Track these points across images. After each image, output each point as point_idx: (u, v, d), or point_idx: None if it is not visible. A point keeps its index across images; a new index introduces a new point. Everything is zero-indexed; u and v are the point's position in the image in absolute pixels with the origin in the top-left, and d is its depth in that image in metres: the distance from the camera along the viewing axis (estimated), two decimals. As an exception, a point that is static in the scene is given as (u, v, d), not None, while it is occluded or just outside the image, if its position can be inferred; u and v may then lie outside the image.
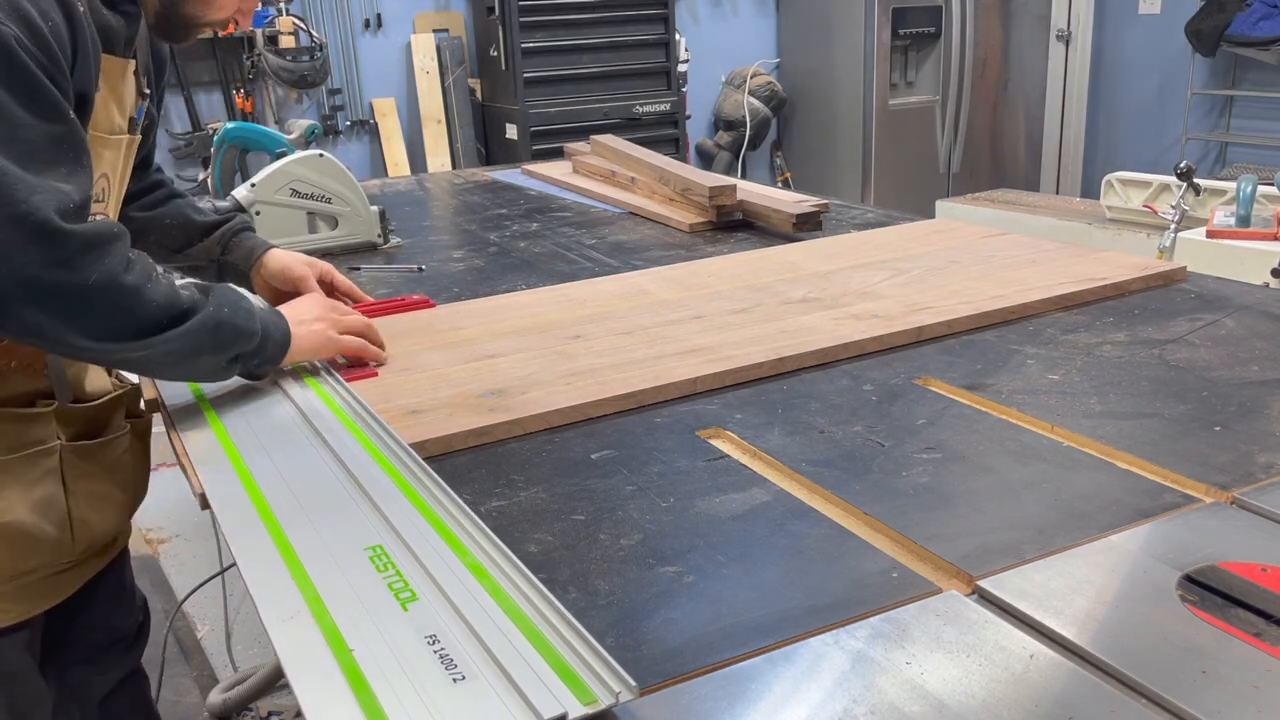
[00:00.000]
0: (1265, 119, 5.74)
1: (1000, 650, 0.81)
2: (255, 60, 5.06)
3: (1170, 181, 3.32)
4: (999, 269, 1.79)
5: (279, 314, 1.35)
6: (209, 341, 1.20)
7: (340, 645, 0.81)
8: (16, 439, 1.23)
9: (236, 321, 1.23)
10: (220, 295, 1.23)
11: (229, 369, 1.27)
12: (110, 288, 1.07)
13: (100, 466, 1.33)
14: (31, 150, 1.03)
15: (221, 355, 1.23)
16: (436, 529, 0.99)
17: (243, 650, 2.71)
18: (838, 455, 1.16)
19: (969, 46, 5.75)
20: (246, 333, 1.25)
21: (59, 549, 1.27)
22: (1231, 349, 1.42)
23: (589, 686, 0.75)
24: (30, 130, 1.03)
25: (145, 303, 1.11)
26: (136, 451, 1.43)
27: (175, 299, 1.15)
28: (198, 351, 1.19)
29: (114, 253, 1.08)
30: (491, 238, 2.37)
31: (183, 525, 3.41)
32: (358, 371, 1.44)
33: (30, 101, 1.03)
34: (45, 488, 1.25)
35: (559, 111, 5.13)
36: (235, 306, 1.24)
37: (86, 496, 1.30)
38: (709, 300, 1.70)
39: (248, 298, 1.28)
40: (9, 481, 1.21)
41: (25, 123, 1.03)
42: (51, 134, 1.05)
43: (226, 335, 1.22)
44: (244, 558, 0.97)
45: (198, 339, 1.18)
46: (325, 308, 1.46)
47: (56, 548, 1.27)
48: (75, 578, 1.33)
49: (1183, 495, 1.04)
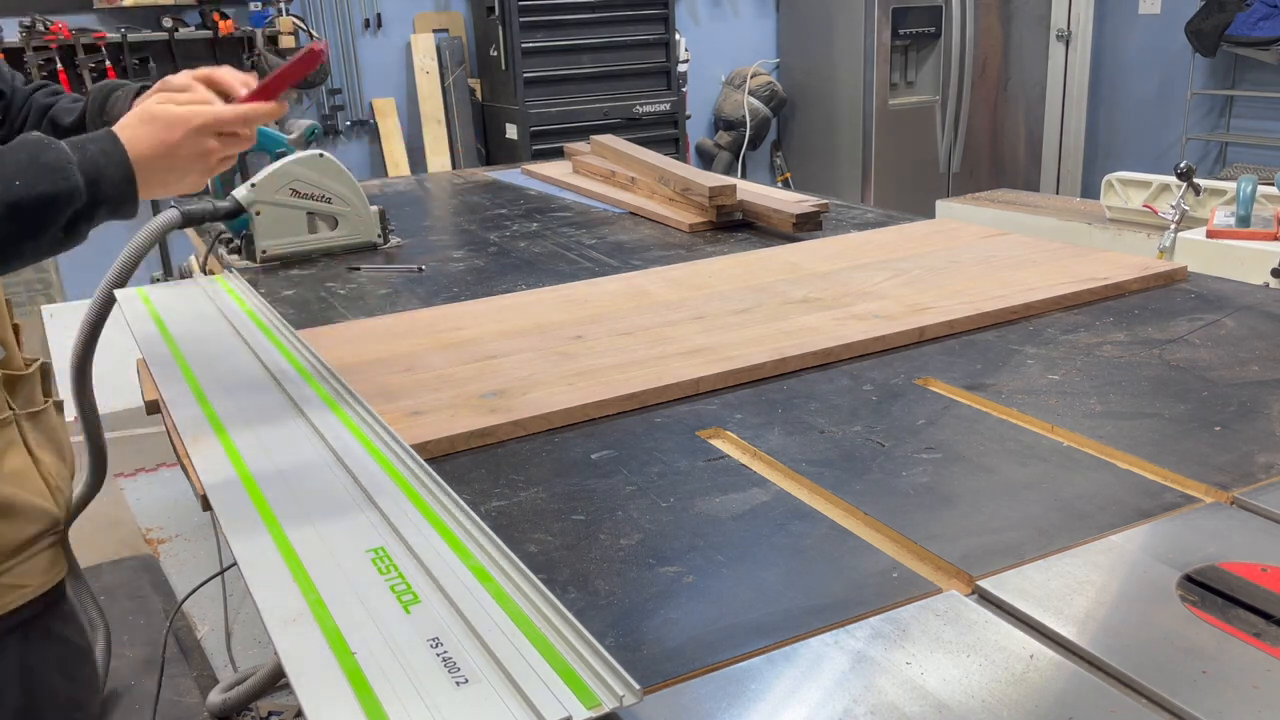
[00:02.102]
0: (1265, 119, 5.74)
1: (1000, 650, 0.81)
2: (255, 60, 5.05)
3: (1170, 181, 3.32)
4: (999, 269, 1.79)
5: (109, 136, 1.04)
6: (14, 227, 0.96)
7: (342, 648, 0.81)
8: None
9: (40, 190, 0.96)
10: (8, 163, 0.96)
11: (70, 239, 1.01)
12: None
13: (46, 437, 1.26)
14: None
15: (44, 235, 0.98)
16: (438, 530, 0.99)
17: (243, 650, 2.71)
18: (838, 455, 1.17)
19: (969, 46, 5.75)
20: (64, 195, 0.98)
21: (48, 516, 1.23)
22: (1231, 349, 1.42)
23: (592, 689, 0.75)
24: None
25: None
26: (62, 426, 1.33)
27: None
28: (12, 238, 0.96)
29: None
30: (491, 238, 2.37)
31: (183, 525, 3.41)
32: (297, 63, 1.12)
33: None
34: (14, 459, 1.19)
35: (559, 111, 5.13)
36: (33, 166, 0.97)
37: (49, 466, 1.25)
38: (709, 300, 1.70)
39: (51, 146, 1.00)
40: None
41: None
42: None
43: (34, 212, 0.96)
44: (245, 559, 0.97)
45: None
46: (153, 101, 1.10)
47: (45, 515, 1.22)
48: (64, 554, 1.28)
49: (1183, 495, 1.04)
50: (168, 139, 1.06)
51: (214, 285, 1.91)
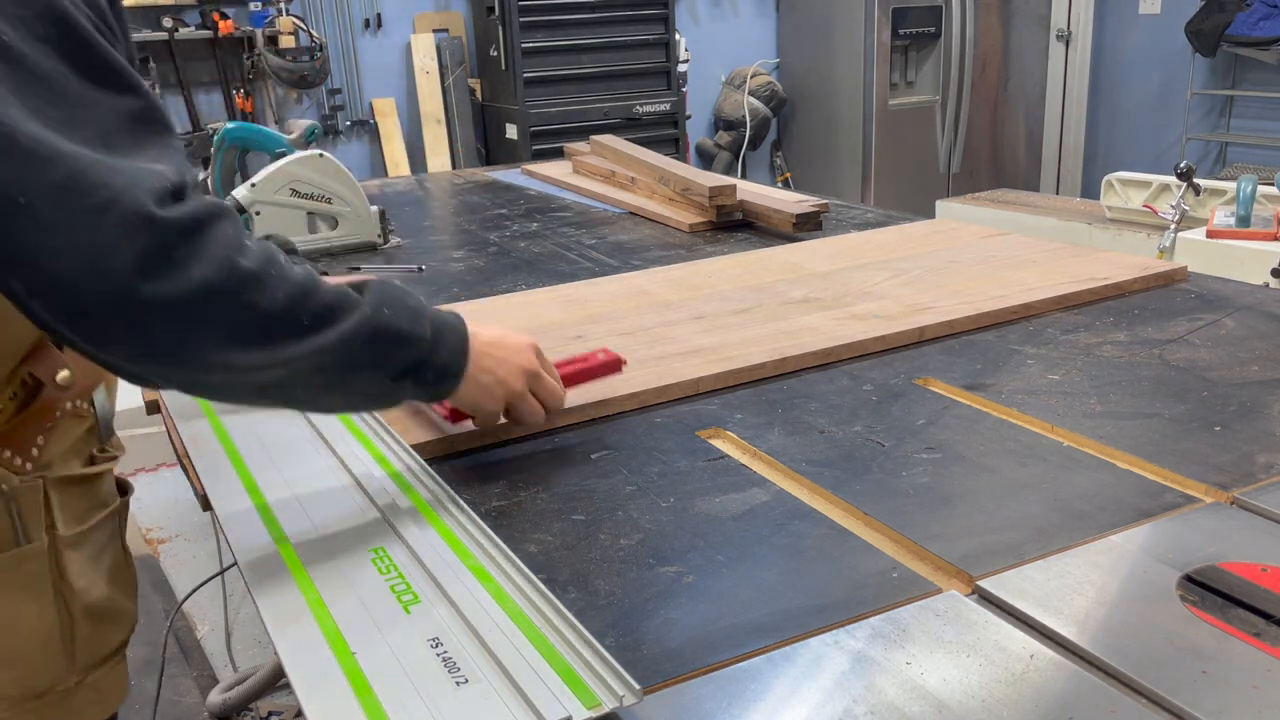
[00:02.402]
0: (1265, 119, 5.74)
1: (1000, 650, 0.81)
2: (255, 60, 5.06)
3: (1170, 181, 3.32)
4: (999, 269, 1.79)
5: (456, 316, 1.05)
6: (366, 354, 0.92)
7: (342, 648, 0.81)
8: (88, 502, 1.04)
9: (399, 325, 0.95)
10: (379, 291, 0.95)
11: (397, 389, 0.98)
12: (224, 279, 0.81)
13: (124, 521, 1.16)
14: (106, 131, 0.81)
15: (384, 372, 0.95)
16: (438, 530, 0.99)
17: (243, 650, 2.71)
18: (838, 455, 1.17)
19: (969, 46, 5.75)
20: (414, 338, 0.97)
21: (129, 617, 1.11)
22: (1231, 349, 1.42)
23: (592, 689, 0.75)
24: (99, 107, 0.82)
25: (273, 293, 0.84)
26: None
27: (313, 291, 0.88)
28: (355, 367, 0.92)
29: (220, 232, 0.82)
30: (491, 238, 2.37)
31: (183, 525, 3.41)
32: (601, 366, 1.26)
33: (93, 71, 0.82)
34: (112, 553, 1.09)
35: (559, 111, 5.13)
36: (398, 305, 0.96)
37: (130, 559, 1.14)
38: (710, 300, 1.70)
39: (413, 293, 1.00)
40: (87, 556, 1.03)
41: (91, 99, 0.82)
42: (126, 110, 0.84)
43: (389, 345, 0.94)
44: (245, 559, 0.97)
45: (350, 350, 0.90)
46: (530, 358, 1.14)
47: (128, 617, 1.11)
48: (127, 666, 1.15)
49: (1183, 495, 1.04)
50: (505, 345, 1.11)
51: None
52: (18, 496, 0.97)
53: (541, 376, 1.15)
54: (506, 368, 1.10)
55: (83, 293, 0.77)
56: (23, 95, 0.78)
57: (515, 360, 1.12)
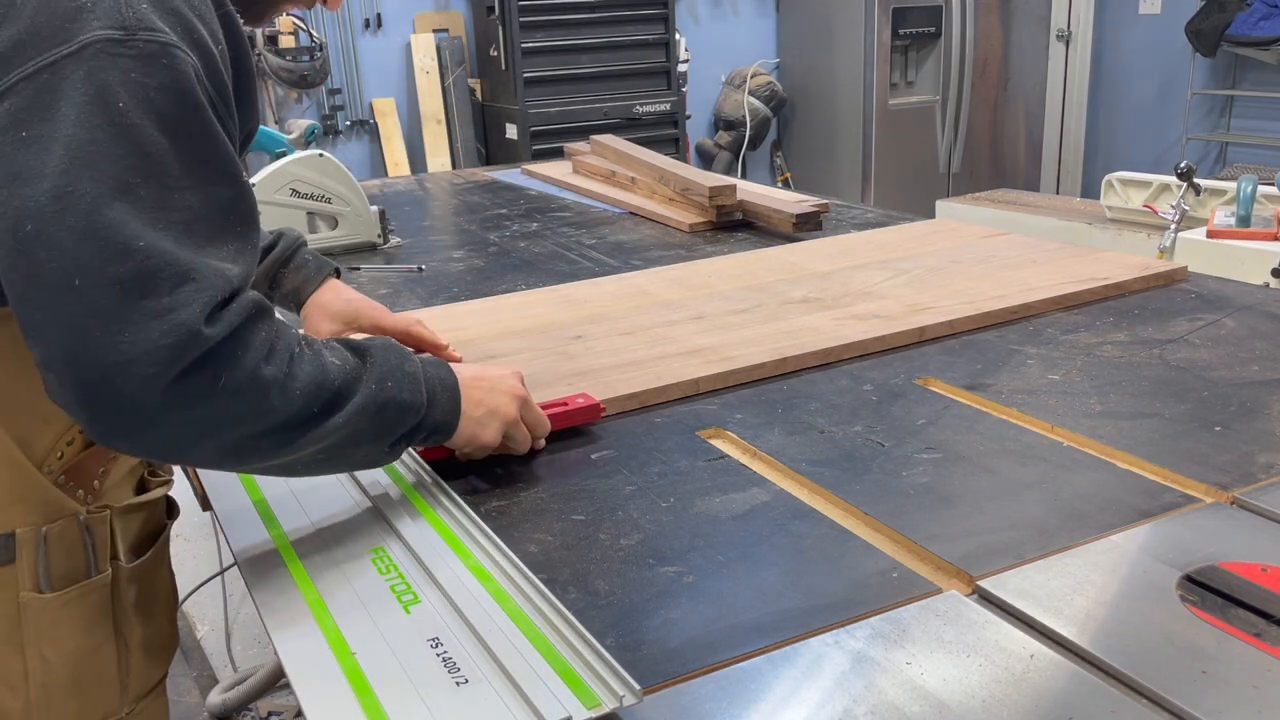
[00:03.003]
0: (1265, 119, 5.74)
1: (1000, 650, 0.81)
2: (255, 60, 5.05)
3: (1170, 181, 3.32)
4: (999, 269, 1.79)
5: (447, 370, 1.05)
6: (369, 428, 0.93)
7: (342, 648, 0.81)
8: (144, 532, 1.05)
9: (401, 397, 0.96)
10: (381, 363, 0.95)
11: (392, 453, 0.99)
12: (249, 389, 0.82)
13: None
14: (192, 219, 0.80)
15: (383, 441, 0.96)
16: (438, 530, 0.99)
17: (243, 650, 2.71)
18: (838, 455, 1.17)
19: (969, 46, 5.75)
20: (414, 407, 0.98)
21: (173, 648, 1.12)
22: (1231, 349, 1.42)
23: (592, 690, 0.75)
24: (193, 194, 0.81)
25: (290, 396, 0.85)
26: None
27: (324, 380, 0.88)
28: (356, 442, 0.93)
29: (253, 341, 0.82)
30: (491, 238, 2.37)
31: (183, 525, 3.39)
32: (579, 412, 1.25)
33: (198, 156, 0.81)
34: (161, 582, 1.08)
35: (559, 111, 5.13)
36: (399, 376, 0.96)
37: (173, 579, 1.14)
38: (710, 300, 1.70)
39: (409, 356, 1.00)
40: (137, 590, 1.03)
41: (188, 184, 0.80)
42: (218, 200, 0.83)
43: (390, 417, 0.95)
44: (245, 559, 0.97)
45: (354, 427, 0.91)
46: (516, 384, 1.14)
47: (173, 647, 1.11)
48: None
49: (1183, 495, 1.04)
50: (489, 377, 1.10)
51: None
52: (91, 527, 0.97)
53: (530, 402, 1.15)
54: (496, 397, 1.10)
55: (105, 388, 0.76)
56: (119, 169, 0.77)
57: (503, 388, 1.11)
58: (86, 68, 0.77)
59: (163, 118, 0.79)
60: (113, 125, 0.77)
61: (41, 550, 0.94)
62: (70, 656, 0.97)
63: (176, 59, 0.80)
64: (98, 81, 0.77)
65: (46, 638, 0.95)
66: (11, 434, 0.91)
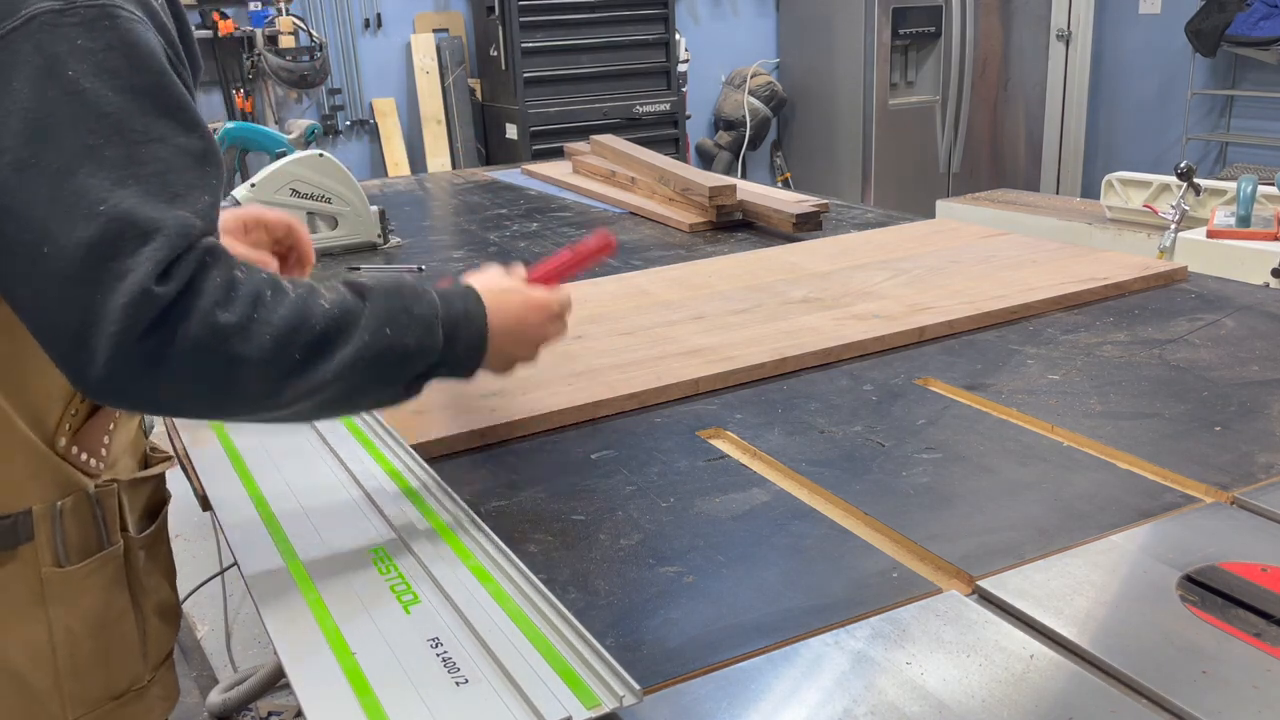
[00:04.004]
0: (1265, 119, 5.74)
1: (1000, 650, 0.81)
2: (255, 60, 5.06)
3: (1170, 181, 3.32)
4: (999, 269, 1.79)
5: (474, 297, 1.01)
6: (369, 378, 0.90)
7: (342, 648, 0.81)
8: (150, 505, 1.08)
9: (405, 343, 0.91)
10: (380, 307, 0.91)
11: (406, 395, 0.96)
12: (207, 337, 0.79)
13: None
14: (166, 170, 0.80)
15: (392, 387, 0.94)
16: (439, 530, 0.99)
17: (243, 650, 2.71)
18: (838, 455, 1.17)
19: (969, 46, 5.75)
20: (424, 352, 0.94)
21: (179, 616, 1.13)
22: (1231, 349, 1.42)
23: (592, 690, 0.75)
24: (164, 145, 0.81)
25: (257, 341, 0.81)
26: None
27: (301, 324, 0.84)
28: (360, 392, 0.91)
29: (204, 288, 0.80)
30: (491, 238, 2.37)
31: (183, 525, 3.40)
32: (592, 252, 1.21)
33: (160, 108, 0.81)
34: (166, 553, 1.11)
35: (559, 111, 5.13)
36: (404, 318, 0.92)
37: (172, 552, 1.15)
38: (710, 300, 1.70)
39: (422, 295, 0.96)
40: (148, 558, 1.06)
41: (157, 135, 0.80)
42: (192, 150, 0.83)
43: (392, 364, 0.91)
44: (245, 559, 0.97)
45: (352, 380, 0.87)
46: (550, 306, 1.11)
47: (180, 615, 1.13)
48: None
49: (1183, 495, 1.04)
50: (525, 318, 1.07)
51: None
52: (101, 500, 0.99)
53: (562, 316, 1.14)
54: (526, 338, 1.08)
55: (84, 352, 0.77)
56: (78, 134, 0.77)
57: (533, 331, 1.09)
58: (34, 41, 0.78)
59: (116, 76, 0.80)
60: (66, 94, 0.78)
61: (58, 525, 0.95)
62: (94, 627, 0.99)
63: (119, 18, 0.80)
64: (46, 53, 0.78)
65: (70, 610, 0.97)
66: (22, 412, 0.93)
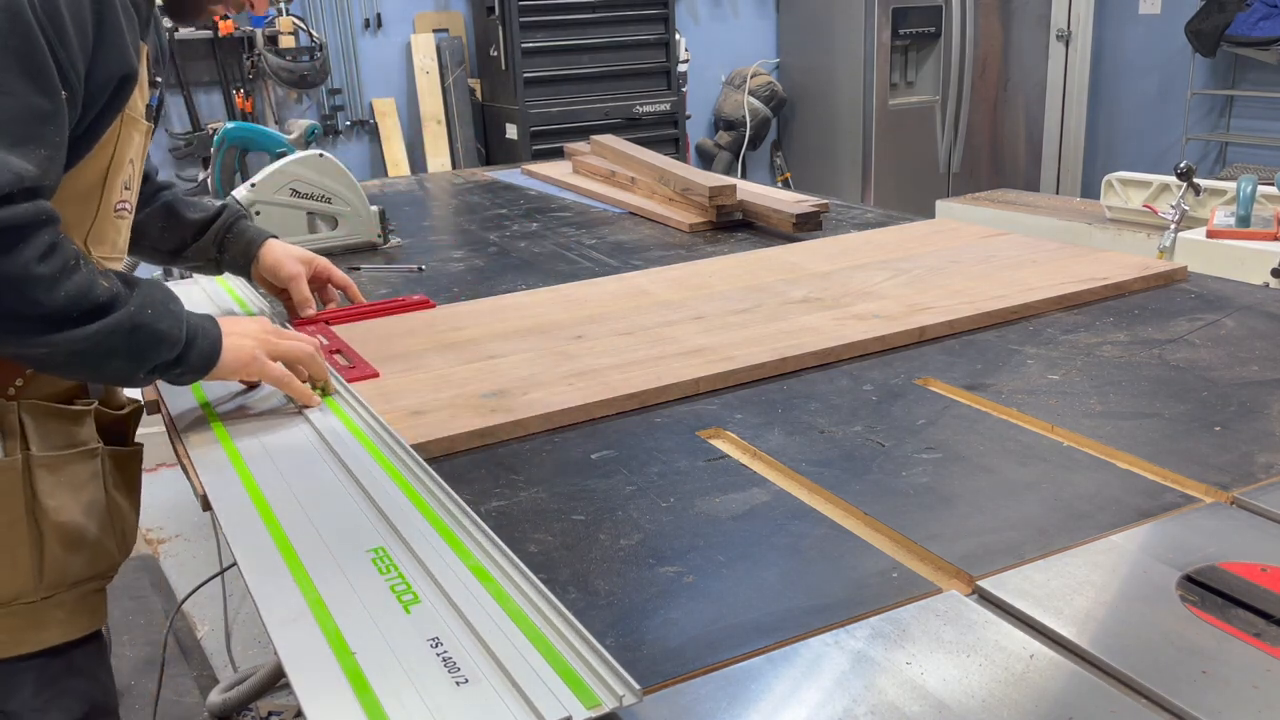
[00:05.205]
0: (1265, 119, 5.74)
1: (1000, 650, 0.81)
2: (255, 60, 5.05)
3: (1170, 181, 3.32)
4: (999, 269, 1.79)
5: (213, 322, 1.23)
6: (123, 345, 1.10)
7: (342, 648, 0.81)
8: (65, 438, 1.19)
9: (159, 326, 1.13)
10: (145, 294, 1.12)
11: (146, 378, 1.17)
12: (19, 278, 0.99)
13: (125, 478, 1.30)
14: (7, 122, 0.98)
15: (138, 362, 1.13)
16: (439, 530, 0.99)
17: (243, 650, 2.72)
18: (838, 455, 1.17)
19: (969, 46, 5.75)
20: (169, 340, 1.14)
21: (107, 557, 1.23)
22: (1231, 349, 1.42)
23: (592, 689, 0.75)
24: (12, 97, 0.99)
25: (54, 295, 1.02)
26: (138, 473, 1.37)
27: (89, 292, 1.05)
28: (109, 355, 1.10)
29: (34, 239, 1.00)
30: (491, 238, 2.37)
31: (183, 525, 3.41)
32: (356, 372, 1.42)
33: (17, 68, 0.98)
34: (90, 491, 1.21)
35: (559, 111, 5.13)
36: (161, 308, 1.14)
37: (118, 508, 1.27)
38: (710, 300, 1.70)
39: (177, 299, 1.18)
40: (60, 482, 1.17)
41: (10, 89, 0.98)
42: (35, 109, 1.00)
43: (144, 340, 1.12)
44: (245, 559, 0.97)
45: (109, 341, 1.08)
46: (264, 328, 1.31)
47: (105, 555, 1.23)
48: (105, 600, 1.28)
49: (1183, 495, 1.04)
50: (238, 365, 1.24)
51: (214, 285, 1.91)
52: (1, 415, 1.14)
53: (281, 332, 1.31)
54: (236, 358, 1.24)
55: None
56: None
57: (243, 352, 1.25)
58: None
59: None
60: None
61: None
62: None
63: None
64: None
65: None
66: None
